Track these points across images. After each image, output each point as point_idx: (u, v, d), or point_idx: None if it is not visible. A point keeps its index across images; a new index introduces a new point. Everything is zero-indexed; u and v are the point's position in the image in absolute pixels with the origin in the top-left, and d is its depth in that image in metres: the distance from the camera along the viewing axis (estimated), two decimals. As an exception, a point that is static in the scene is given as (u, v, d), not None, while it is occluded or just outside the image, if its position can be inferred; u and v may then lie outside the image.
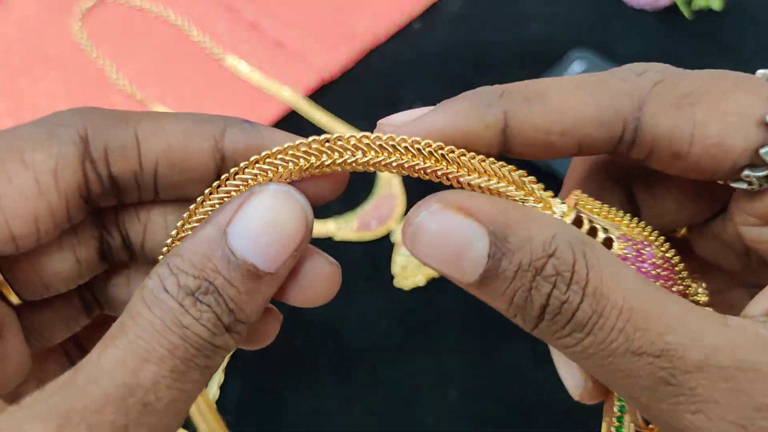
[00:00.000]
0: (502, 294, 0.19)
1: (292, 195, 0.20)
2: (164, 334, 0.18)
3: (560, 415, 0.44)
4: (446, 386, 0.44)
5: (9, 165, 0.20)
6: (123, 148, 0.21)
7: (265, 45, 0.61)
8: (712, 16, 0.64)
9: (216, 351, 0.19)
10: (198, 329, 0.19)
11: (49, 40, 0.61)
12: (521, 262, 0.19)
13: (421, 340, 0.46)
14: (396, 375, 0.44)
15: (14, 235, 0.20)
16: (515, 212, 0.20)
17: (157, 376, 0.18)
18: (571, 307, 0.19)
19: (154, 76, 0.59)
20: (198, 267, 0.19)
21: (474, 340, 0.46)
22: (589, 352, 0.19)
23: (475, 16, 0.64)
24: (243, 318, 0.20)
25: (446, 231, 0.19)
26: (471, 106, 0.21)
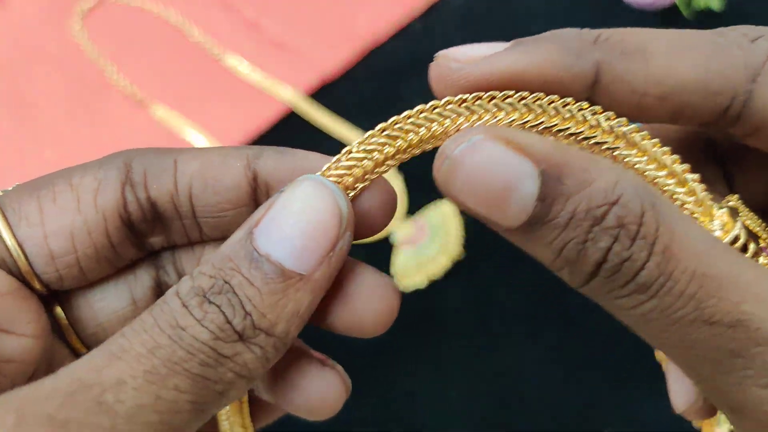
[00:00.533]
0: (548, 243, 0.17)
1: (321, 183, 0.18)
2: (150, 332, 0.16)
3: (560, 416, 0.44)
4: (446, 386, 0.44)
5: (58, 187, 0.20)
6: (161, 171, 0.20)
7: (265, 45, 0.61)
8: (712, 16, 0.64)
9: (222, 361, 0.17)
10: (196, 330, 0.16)
11: (49, 40, 0.61)
12: (576, 208, 0.16)
13: (422, 340, 0.46)
14: (396, 375, 0.44)
15: (52, 252, 0.20)
16: (571, 152, 0.17)
17: (123, 374, 0.16)
18: (634, 265, 0.16)
19: (154, 76, 0.59)
20: (217, 267, 0.17)
21: (474, 340, 0.46)
22: (651, 317, 0.17)
23: (475, 16, 0.64)
24: (265, 326, 0.17)
25: (490, 166, 0.16)
26: (560, 51, 0.18)
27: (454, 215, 0.51)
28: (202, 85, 0.58)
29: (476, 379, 0.45)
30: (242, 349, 0.17)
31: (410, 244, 0.49)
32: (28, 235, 0.20)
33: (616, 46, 0.18)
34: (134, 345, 0.16)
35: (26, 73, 0.59)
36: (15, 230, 0.19)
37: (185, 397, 0.16)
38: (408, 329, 0.47)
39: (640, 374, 0.45)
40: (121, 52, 0.60)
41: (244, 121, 0.56)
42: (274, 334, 0.17)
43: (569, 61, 0.18)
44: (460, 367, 0.45)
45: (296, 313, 0.18)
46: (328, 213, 0.18)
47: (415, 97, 0.63)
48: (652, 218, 0.16)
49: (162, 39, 0.61)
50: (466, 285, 0.49)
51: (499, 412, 0.44)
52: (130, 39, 0.61)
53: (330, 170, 0.19)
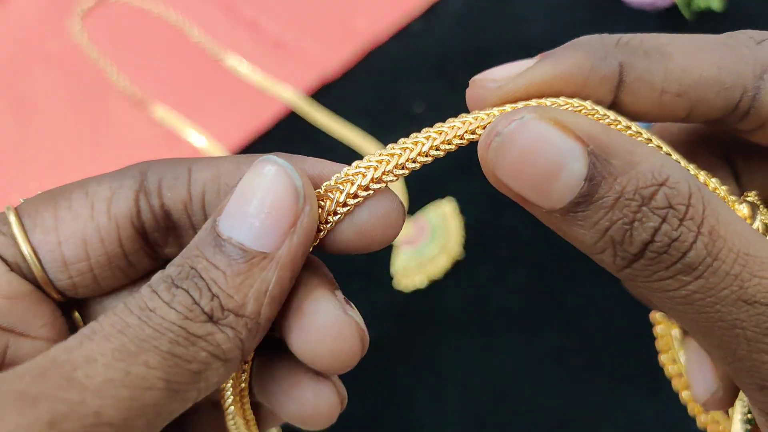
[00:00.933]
0: (593, 224, 0.17)
1: (274, 161, 0.18)
2: (120, 315, 0.17)
3: (559, 416, 0.44)
4: (446, 386, 0.44)
5: (74, 195, 0.20)
6: (175, 180, 0.20)
7: (266, 45, 0.61)
8: (712, 17, 0.64)
9: (192, 340, 0.17)
10: (164, 311, 0.17)
11: (49, 40, 0.61)
12: (625, 188, 0.16)
13: (421, 340, 0.46)
14: (396, 375, 0.44)
15: (66, 258, 0.20)
16: (616, 134, 0.17)
17: (93, 353, 0.16)
18: (682, 246, 0.16)
19: (154, 76, 0.59)
20: (185, 256, 0.18)
21: (474, 340, 0.46)
22: (694, 297, 0.17)
23: (475, 16, 0.64)
24: (233, 306, 0.17)
25: (539, 146, 0.17)
26: (586, 56, 0.19)
27: (454, 215, 0.51)
28: (202, 85, 0.58)
29: (476, 379, 0.45)
30: (213, 330, 0.17)
31: (410, 244, 0.49)
32: (42, 241, 0.20)
33: (638, 48, 0.19)
34: (104, 326, 0.17)
35: (26, 73, 0.59)
36: (30, 236, 0.20)
37: (156, 374, 0.16)
38: (408, 329, 0.47)
39: (638, 375, 0.45)
40: (121, 52, 0.60)
41: (244, 121, 0.56)
42: (245, 314, 0.18)
43: (596, 64, 0.19)
44: (460, 367, 0.45)
45: (264, 292, 0.18)
46: (283, 190, 0.18)
47: (414, 97, 0.63)
48: (699, 199, 0.17)
49: (162, 39, 0.61)
50: (466, 285, 0.49)
51: (498, 413, 0.44)
52: (130, 39, 0.61)
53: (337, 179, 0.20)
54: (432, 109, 0.57)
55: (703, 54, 0.19)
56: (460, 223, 0.50)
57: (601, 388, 0.44)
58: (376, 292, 0.48)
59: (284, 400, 0.21)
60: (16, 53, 0.60)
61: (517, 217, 0.51)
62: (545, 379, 0.45)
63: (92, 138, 0.55)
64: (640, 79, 0.19)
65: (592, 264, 0.54)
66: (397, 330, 0.47)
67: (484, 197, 0.52)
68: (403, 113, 0.57)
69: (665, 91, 0.19)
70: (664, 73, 0.19)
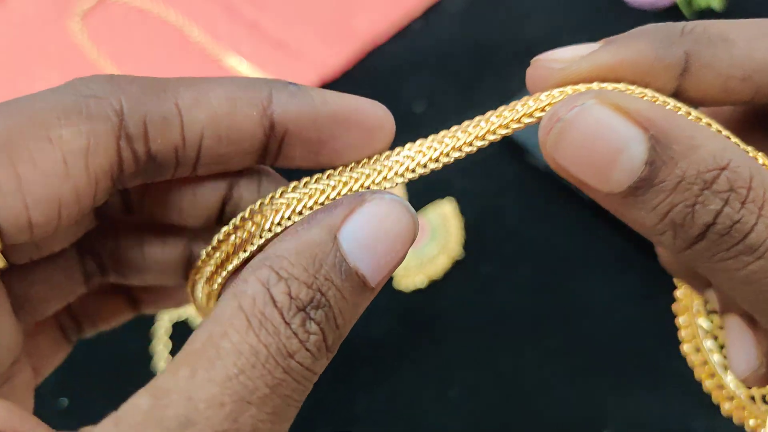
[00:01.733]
0: (653, 207, 0.17)
1: (406, 207, 0.18)
2: (270, 368, 0.16)
3: (560, 416, 0.44)
4: (446, 387, 0.44)
5: (33, 144, 0.17)
6: (164, 121, 0.18)
7: (265, 45, 0.61)
8: (713, 16, 0.64)
9: (312, 378, 0.17)
10: (303, 356, 0.16)
11: (49, 40, 0.61)
12: (686, 172, 0.17)
13: (422, 340, 0.46)
14: (396, 375, 0.44)
15: (33, 222, 0.17)
16: (677, 118, 0.17)
17: (256, 421, 0.15)
18: (744, 227, 0.17)
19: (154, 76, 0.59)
20: (311, 273, 0.17)
21: (474, 340, 0.46)
22: (755, 277, 0.17)
23: (475, 16, 0.64)
24: (342, 335, 0.18)
25: (600, 130, 0.17)
26: (651, 43, 0.19)
27: (454, 215, 0.50)
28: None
29: (476, 379, 0.45)
30: (325, 362, 0.17)
31: None
32: (3, 206, 0.16)
33: (702, 36, 0.20)
34: (260, 385, 0.16)
35: (26, 73, 0.59)
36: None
37: (288, 424, 0.17)
38: (408, 329, 0.47)
39: (641, 375, 0.45)
40: (121, 52, 0.60)
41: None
42: (342, 339, 0.18)
43: (661, 53, 0.19)
44: (461, 367, 0.45)
45: (359, 317, 0.18)
46: (408, 235, 0.18)
47: (414, 97, 0.63)
48: (760, 183, 0.17)
49: (162, 39, 0.61)
50: (466, 285, 0.49)
51: (498, 413, 0.44)
52: (130, 39, 0.61)
53: None
54: (432, 108, 0.57)
55: (765, 39, 0.20)
56: (460, 223, 0.50)
57: (602, 387, 0.44)
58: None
59: None
60: (16, 53, 0.60)
61: (518, 217, 0.51)
62: (546, 377, 0.45)
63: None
64: (706, 67, 0.19)
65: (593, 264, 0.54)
66: (398, 330, 0.47)
67: (484, 197, 0.52)
68: (403, 113, 0.57)
69: (730, 77, 0.19)
70: (730, 59, 0.19)
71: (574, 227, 0.50)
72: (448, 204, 0.51)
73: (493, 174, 0.53)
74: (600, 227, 0.50)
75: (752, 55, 0.19)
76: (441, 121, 0.56)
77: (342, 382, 0.44)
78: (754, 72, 0.19)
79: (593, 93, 0.18)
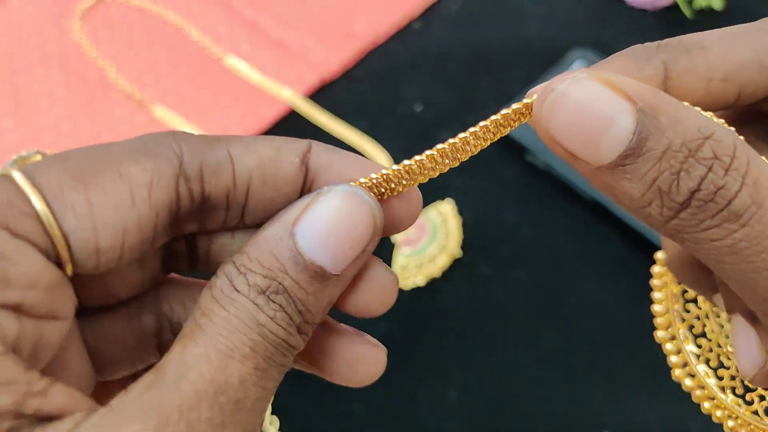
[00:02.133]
0: (641, 176, 0.18)
1: (360, 196, 0.20)
2: (244, 331, 0.18)
3: (559, 416, 0.44)
4: (446, 386, 0.44)
5: (105, 176, 0.19)
6: (218, 165, 0.20)
7: (265, 45, 0.61)
8: (713, 15, 0.64)
9: (291, 351, 0.19)
10: (274, 327, 0.18)
11: (49, 40, 0.61)
12: (672, 141, 0.18)
13: (421, 341, 0.46)
14: (396, 375, 0.44)
15: (99, 247, 0.19)
16: (662, 95, 0.18)
17: (243, 374, 0.18)
18: (728, 194, 0.17)
19: (154, 76, 0.59)
20: (266, 266, 0.19)
21: (474, 340, 0.46)
22: (740, 246, 0.18)
23: (474, 16, 0.64)
24: (310, 319, 0.20)
25: (590, 102, 0.18)
26: (629, 61, 0.21)
27: (453, 215, 0.50)
28: (202, 85, 0.58)
29: (475, 379, 0.45)
30: (299, 339, 0.19)
31: (410, 245, 0.49)
32: (75, 227, 0.18)
33: (678, 46, 0.21)
34: (237, 344, 0.18)
35: (26, 73, 0.59)
36: (60, 220, 0.18)
37: (276, 384, 0.19)
38: (407, 329, 0.47)
39: (639, 376, 0.45)
40: (121, 52, 0.60)
41: (244, 121, 0.56)
42: (315, 322, 0.20)
43: (640, 65, 0.20)
44: (460, 366, 0.45)
45: (330, 304, 0.20)
46: (365, 224, 0.20)
47: (413, 97, 0.63)
48: (744, 153, 0.18)
49: (162, 39, 0.61)
50: (465, 285, 0.49)
51: (498, 413, 0.44)
52: (130, 39, 0.61)
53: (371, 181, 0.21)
54: (431, 108, 0.57)
55: (738, 40, 0.21)
56: (459, 223, 0.50)
57: (600, 387, 0.44)
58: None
59: (332, 361, 0.23)
60: (16, 53, 0.60)
61: (517, 217, 0.51)
62: (545, 378, 0.45)
63: (92, 137, 0.55)
64: (685, 73, 0.20)
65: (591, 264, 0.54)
66: (397, 329, 0.47)
67: (484, 197, 0.52)
68: (402, 113, 0.57)
69: (711, 79, 0.20)
70: (707, 63, 0.20)
71: (572, 228, 0.50)
72: (448, 204, 0.51)
73: (493, 174, 0.53)
74: (598, 228, 0.50)
75: (728, 56, 0.21)
76: (440, 120, 0.56)
77: (342, 382, 0.44)
78: (733, 72, 0.20)
79: (585, 70, 0.19)
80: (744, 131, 0.23)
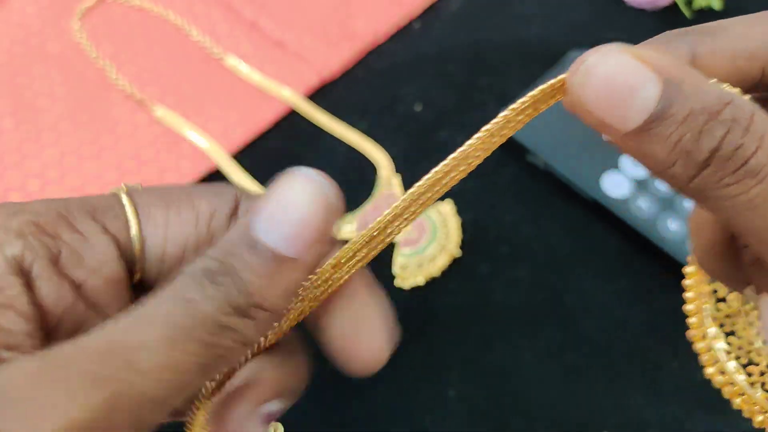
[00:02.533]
0: (666, 138, 0.20)
1: (310, 176, 0.21)
2: (166, 303, 0.19)
3: (559, 416, 0.44)
4: (446, 386, 0.44)
5: (182, 203, 0.24)
6: None
7: (265, 45, 0.61)
8: (713, 15, 0.64)
9: (225, 330, 0.19)
10: (201, 304, 0.19)
11: (49, 40, 0.61)
12: (694, 106, 0.19)
13: (421, 340, 0.46)
14: (395, 374, 0.45)
15: (166, 254, 0.23)
16: (687, 67, 0.20)
17: (147, 337, 0.18)
18: (746, 152, 0.19)
19: (154, 76, 0.59)
20: (222, 251, 0.20)
21: (473, 339, 0.46)
22: (757, 201, 0.19)
23: (474, 16, 0.64)
24: (264, 304, 0.20)
25: (620, 71, 0.20)
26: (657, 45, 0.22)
27: (453, 215, 0.51)
28: (202, 85, 0.58)
29: (475, 378, 0.45)
30: (242, 322, 0.20)
31: (410, 245, 0.50)
32: (152, 234, 0.23)
33: (700, 30, 0.22)
34: (152, 312, 0.19)
35: (26, 73, 0.59)
36: (143, 226, 0.23)
37: (193, 359, 0.19)
38: (407, 328, 0.47)
39: (638, 375, 0.45)
40: (121, 52, 0.60)
41: (244, 122, 0.56)
42: (268, 309, 0.20)
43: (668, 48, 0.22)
44: (459, 366, 0.45)
45: (287, 291, 0.21)
46: (320, 205, 0.21)
47: (413, 97, 0.63)
48: (760, 119, 0.19)
49: (162, 39, 0.61)
50: (464, 284, 0.49)
51: (497, 411, 0.44)
52: (130, 39, 0.61)
53: None
54: (431, 108, 0.57)
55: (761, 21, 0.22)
56: (458, 223, 0.50)
57: (600, 386, 0.44)
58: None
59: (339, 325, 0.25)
60: (16, 53, 0.60)
61: (516, 216, 0.51)
62: (545, 378, 0.45)
63: (92, 137, 0.55)
64: (711, 52, 0.22)
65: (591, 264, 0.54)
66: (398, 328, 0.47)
67: (484, 197, 0.52)
68: (402, 113, 0.57)
69: (736, 57, 0.22)
70: (732, 43, 0.22)
71: (572, 227, 0.50)
72: (448, 205, 0.51)
73: (493, 174, 0.53)
74: (598, 227, 0.50)
75: (752, 35, 0.22)
76: (440, 120, 0.56)
77: (340, 381, 0.44)
78: (758, 50, 0.22)
79: (613, 44, 0.20)
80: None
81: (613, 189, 0.50)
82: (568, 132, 0.51)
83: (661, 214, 0.49)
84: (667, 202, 0.49)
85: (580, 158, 0.51)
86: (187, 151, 0.55)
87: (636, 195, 0.49)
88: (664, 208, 0.49)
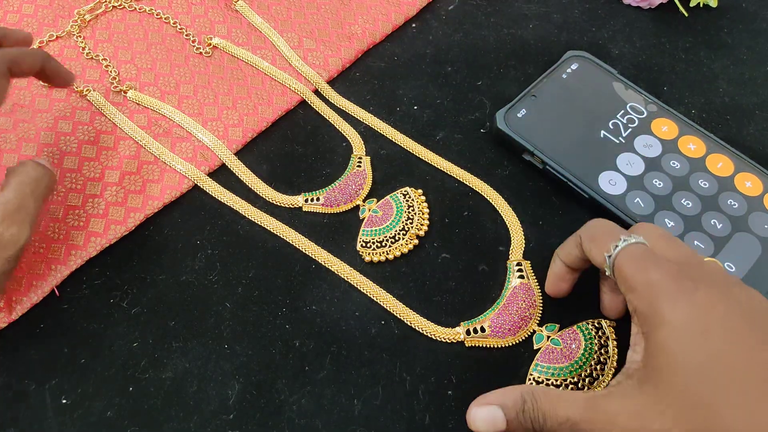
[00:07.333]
0: None
1: (39, 162, 0.29)
2: None
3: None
4: (445, 385, 0.44)
5: None
6: None
7: (264, 46, 0.61)
8: (708, 12, 0.64)
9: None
10: None
11: (48, 40, 0.61)
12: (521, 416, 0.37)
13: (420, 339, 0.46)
14: (395, 374, 0.45)
15: None
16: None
17: None
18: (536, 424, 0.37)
19: (154, 76, 0.59)
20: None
21: (473, 337, 0.46)
22: None
23: (471, 17, 0.64)
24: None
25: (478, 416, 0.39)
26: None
27: (419, 200, 0.51)
28: (202, 85, 0.59)
29: (475, 378, 0.45)
30: None
31: (375, 224, 0.50)
32: None
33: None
34: None
35: (25, 74, 0.59)
36: None
37: None
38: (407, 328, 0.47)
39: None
40: (120, 52, 0.60)
41: (244, 122, 0.56)
42: None
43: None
44: (460, 366, 0.45)
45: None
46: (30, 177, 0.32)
47: (411, 98, 0.63)
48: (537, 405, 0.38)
49: (161, 39, 0.61)
50: (464, 284, 0.49)
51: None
52: (130, 39, 0.61)
53: None
54: (429, 108, 0.57)
55: None
56: (424, 209, 0.51)
57: (598, 384, 0.44)
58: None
59: None
60: (15, 54, 0.60)
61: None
62: (543, 375, 0.45)
63: (92, 137, 0.56)
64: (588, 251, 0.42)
65: (589, 261, 0.53)
66: (396, 328, 0.47)
67: (483, 196, 0.53)
68: (401, 113, 0.57)
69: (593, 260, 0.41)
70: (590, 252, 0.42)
71: (570, 227, 0.50)
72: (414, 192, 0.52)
73: (493, 173, 0.53)
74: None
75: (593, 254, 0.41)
76: (439, 120, 0.57)
77: (340, 381, 0.44)
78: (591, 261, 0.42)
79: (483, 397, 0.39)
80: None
81: (609, 187, 0.50)
82: (566, 131, 0.52)
83: (658, 213, 0.49)
84: (662, 200, 0.49)
85: (577, 157, 0.51)
86: (190, 149, 0.55)
87: (632, 193, 0.50)
88: (660, 206, 0.49)
